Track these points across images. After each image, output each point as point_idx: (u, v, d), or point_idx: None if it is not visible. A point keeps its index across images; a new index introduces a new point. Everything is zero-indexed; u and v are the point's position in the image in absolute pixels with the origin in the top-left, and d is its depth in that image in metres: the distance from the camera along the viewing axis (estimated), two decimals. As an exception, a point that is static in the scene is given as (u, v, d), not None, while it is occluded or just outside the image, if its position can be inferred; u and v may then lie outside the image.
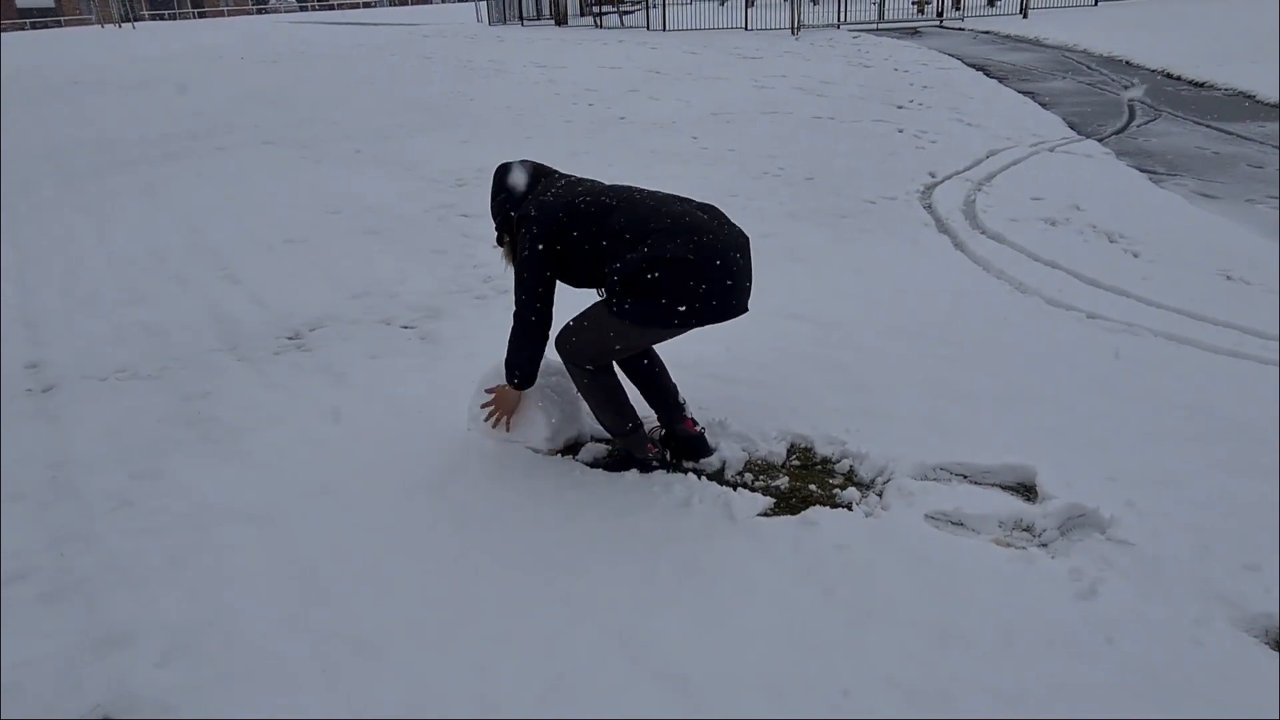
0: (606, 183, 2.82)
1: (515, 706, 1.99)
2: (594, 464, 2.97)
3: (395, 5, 53.00)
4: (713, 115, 9.96)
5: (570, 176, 2.84)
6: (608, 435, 3.13)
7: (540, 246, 2.60)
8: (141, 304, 4.93)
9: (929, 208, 5.95)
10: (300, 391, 3.71)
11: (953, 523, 2.53)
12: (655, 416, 3.04)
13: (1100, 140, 7.72)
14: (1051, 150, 7.33)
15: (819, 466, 2.91)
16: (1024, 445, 2.88)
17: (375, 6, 55.83)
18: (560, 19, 26.44)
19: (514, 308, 2.69)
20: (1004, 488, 2.71)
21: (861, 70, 12.92)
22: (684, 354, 3.75)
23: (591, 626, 2.20)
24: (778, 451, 2.95)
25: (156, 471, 3.11)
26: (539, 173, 2.84)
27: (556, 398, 3.03)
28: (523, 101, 11.81)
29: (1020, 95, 10.23)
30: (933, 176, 6.75)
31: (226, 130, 10.67)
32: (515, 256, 2.70)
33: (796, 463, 2.94)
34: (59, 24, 50.99)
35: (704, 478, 2.83)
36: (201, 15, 55.49)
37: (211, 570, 2.52)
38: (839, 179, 6.83)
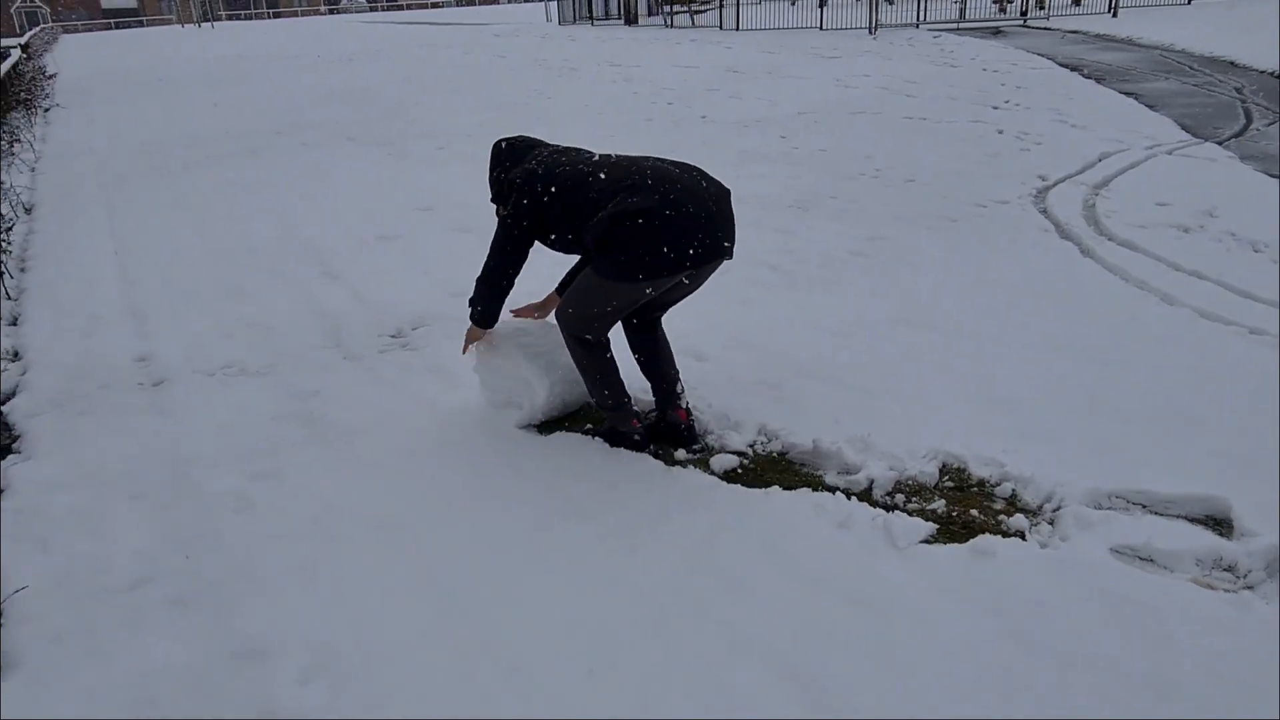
0: (588, 152, 2.93)
1: (683, 747, 1.83)
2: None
3: (463, 5, 53.57)
4: (799, 115, 9.73)
5: (558, 147, 2.99)
6: (736, 448, 3.00)
7: (524, 205, 2.75)
8: (243, 298, 4.92)
9: (1045, 212, 5.65)
10: (413, 392, 3.61)
11: (1141, 558, 2.31)
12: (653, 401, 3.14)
13: (1220, 143, 7.30)
14: (1169, 153, 6.95)
15: (975, 489, 2.70)
16: (1205, 472, 2.63)
17: (443, 6, 56.53)
18: (630, 19, 26.36)
19: (485, 258, 2.87)
20: (1191, 520, 2.47)
21: (948, 70, 12.54)
22: (806, 360, 3.58)
23: (758, 660, 2.03)
24: (929, 472, 2.75)
25: (274, 472, 3.03)
26: (530, 145, 3.00)
27: (549, 367, 3.16)
28: (600, 100, 11.71)
29: (1122, 96, 9.79)
30: (1043, 180, 6.44)
31: (310, 127, 10.77)
32: (499, 216, 2.90)
33: (950, 484, 2.73)
34: (141, 24, 52.71)
35: (853, 497, 2.64)
36: (276, 15, 56.85)
37: (345, 580, 2.42)
38: (942, 182, 6.56)
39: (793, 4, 23.60)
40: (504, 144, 3.01)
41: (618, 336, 3.01)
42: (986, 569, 2.26)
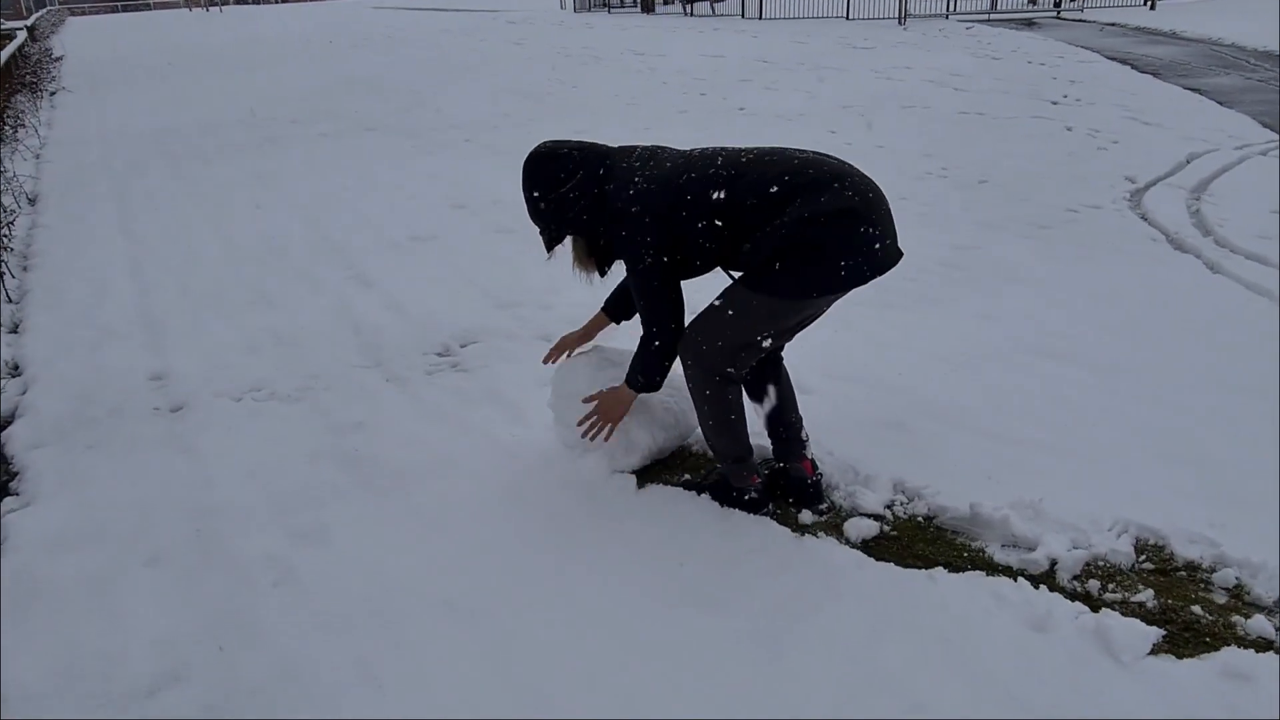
0: (681, 149, 2.42)
1: None
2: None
3: (473, -8, 52.57)
4: (843, 108, 9.20)
5: (637, 148, 2.42)
6: (871, 509, 2.51)
7: (657, 244, 2.26)
8: (268, 306, 4.43)
9: (1145, 219, 5.14)
10: (470, 425, 3.12)
11: None
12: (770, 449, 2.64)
13: (1313, 144, 6.77)
14: (1263, 154, 6.43)
15: (1183, 574, 2.20)
16: None
17: (453, -7, 55.61)
18: (648, 6, 25.78)
19: (643, 316, 2.35)
20: None
21: (991, 63, 11.99)
22: (929, 396, 3.09)
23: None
24: (1122, 550, 2.25)
25: (318, 530, 2.54)
26: (598, 154, 2.36)
27: (641, 407, 2.69)
28: (629, 90, 11.18)
29: (1187, 92, 9.25)
30: (1132, 182, 5.92)
31: (328, 116, 10.26)
32: (625, 261, 2.34)
33: (1148, 566, 2.24)
34: (148, 7, 52.06)
35: (1040, 585, 2.15)
36: (285, 0, 56.08)
37: (414, 683, 1.93)
38: (1020, 183, 6.05)
39: (815, -7, 22.98)
40: (557, 156, 2.32)
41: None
42: (1248, 699, 1.76)
